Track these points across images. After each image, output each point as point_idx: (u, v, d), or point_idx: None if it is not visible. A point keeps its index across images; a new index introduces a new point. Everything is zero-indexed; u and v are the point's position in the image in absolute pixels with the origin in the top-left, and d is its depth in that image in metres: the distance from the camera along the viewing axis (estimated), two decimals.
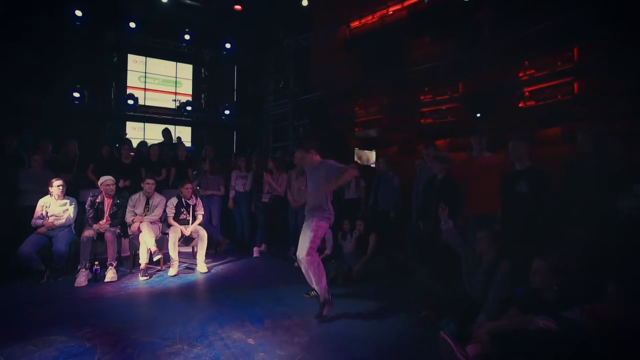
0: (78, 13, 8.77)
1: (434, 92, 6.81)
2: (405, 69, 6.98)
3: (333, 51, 8.71)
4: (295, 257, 4.79)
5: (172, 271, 4.28)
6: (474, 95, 5.82)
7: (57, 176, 4.43)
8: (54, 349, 2.43)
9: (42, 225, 4.05)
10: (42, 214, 4.12)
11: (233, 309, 3.18)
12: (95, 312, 3.10)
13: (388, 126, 7.79)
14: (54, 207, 4.19)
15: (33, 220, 4.08)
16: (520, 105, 5.27)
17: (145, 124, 10.39)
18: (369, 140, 8.88)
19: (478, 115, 5.72)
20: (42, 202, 4.17)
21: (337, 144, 8.00)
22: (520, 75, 5.32)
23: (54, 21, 8.42)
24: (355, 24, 8.51)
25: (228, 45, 10.61)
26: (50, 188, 4.19)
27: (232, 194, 5.59)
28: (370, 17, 8.23)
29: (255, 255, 5.22)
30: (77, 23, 8.88)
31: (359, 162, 7.50)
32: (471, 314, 2.49)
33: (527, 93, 5.22)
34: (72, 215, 4.26)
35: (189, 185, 4.73)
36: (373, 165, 8.79)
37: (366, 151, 8.61)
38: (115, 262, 4.19)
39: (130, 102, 9.43)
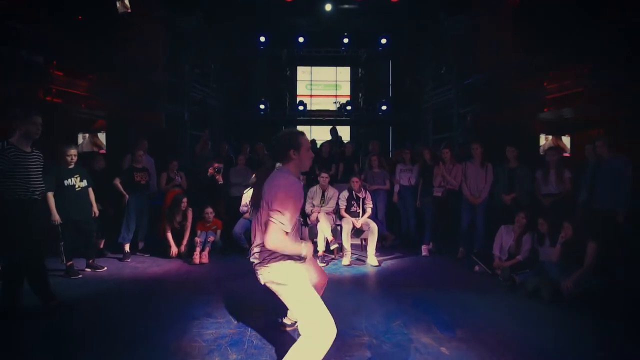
0: (262, 39, 10.55)
1: None
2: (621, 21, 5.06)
3: (503, 23, 7.32)
4: (474, 258, 4.25)
5: (346, 261, 4.46)
6: None
7: (254, 172, 5.36)
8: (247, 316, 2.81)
9: (247, 212, 4.96)
10: (246, 202, 5.04)
11: (414, 308, 2.98)
12: None
13: (593, 101, 5.90)
14: None
15: (240, 208, 5.04)
16: None
17: (312, 126, 11.60)
18: (559, 122, 7.06)
19: None
20: (246, 193, 5.10)
21: (516, 130, 6.72)
22: None
23: (246, 48, 10.45)
24: None
25: (384, 41, 10.58)
26: (250, 181, 5.10)
27: (396, 187, 5.44)
28: None
29: (424, 253, 4.90)
30: (261, 47, 10.71)
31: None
32: None
33: None
34: None
35: (355, 179, 4.85)
36: (566, 154, 6.98)
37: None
38: None
39: (301, 108, 10.70)
